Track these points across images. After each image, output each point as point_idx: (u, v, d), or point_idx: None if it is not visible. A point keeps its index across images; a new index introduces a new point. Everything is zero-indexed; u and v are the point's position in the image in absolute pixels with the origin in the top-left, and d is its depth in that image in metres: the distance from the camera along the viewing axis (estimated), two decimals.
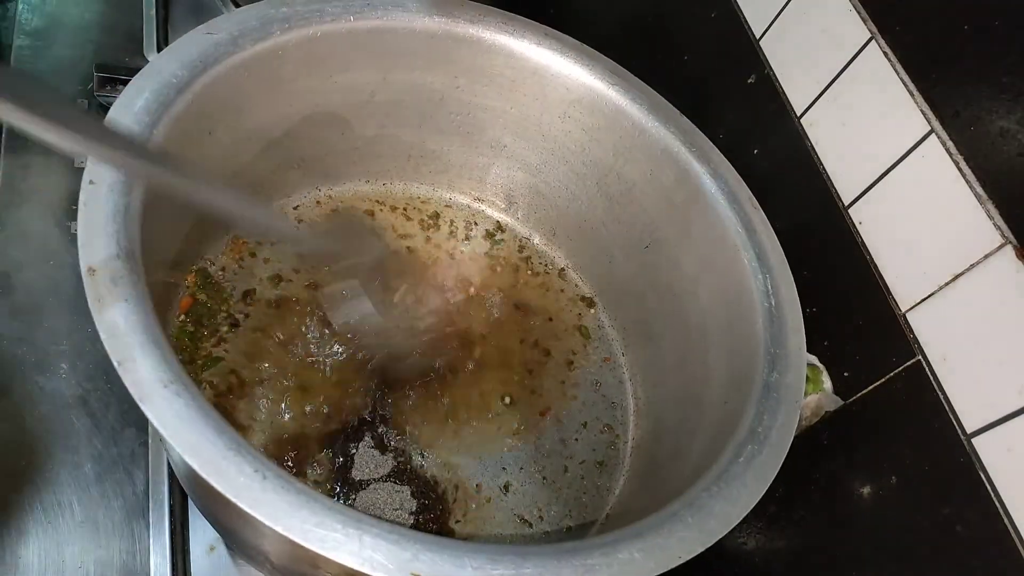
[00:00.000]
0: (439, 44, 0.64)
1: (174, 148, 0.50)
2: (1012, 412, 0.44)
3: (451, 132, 0.73)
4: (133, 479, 0.63)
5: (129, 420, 0.65)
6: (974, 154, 0.47)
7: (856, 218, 0.56)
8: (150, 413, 0.37)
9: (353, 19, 0.60)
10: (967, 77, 0.47)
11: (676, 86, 0.68)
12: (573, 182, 0.73)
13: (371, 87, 0.66)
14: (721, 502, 0.46)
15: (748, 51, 0.66)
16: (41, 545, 0.59)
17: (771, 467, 0.48)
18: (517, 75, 0.67)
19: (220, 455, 0.37)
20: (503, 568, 0.39)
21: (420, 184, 0.77)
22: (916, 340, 0.50)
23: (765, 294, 0.57)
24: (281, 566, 0.49)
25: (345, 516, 0.38)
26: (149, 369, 0.38)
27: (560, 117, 0.69)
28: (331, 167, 0.72)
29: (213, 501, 0.50)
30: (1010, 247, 0.45)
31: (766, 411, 0.51)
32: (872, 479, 0.52)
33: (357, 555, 0.37)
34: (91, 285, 0.40)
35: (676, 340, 0.67)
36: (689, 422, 0.61)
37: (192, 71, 0.51)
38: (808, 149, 0.59)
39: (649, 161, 0.66)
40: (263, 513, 0.37)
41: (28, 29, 0.84)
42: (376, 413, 0.63)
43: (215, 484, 0.37)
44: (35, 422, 0.63)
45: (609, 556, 0.41)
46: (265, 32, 0.56)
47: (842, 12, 0.56)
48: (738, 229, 0.60)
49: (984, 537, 0.44)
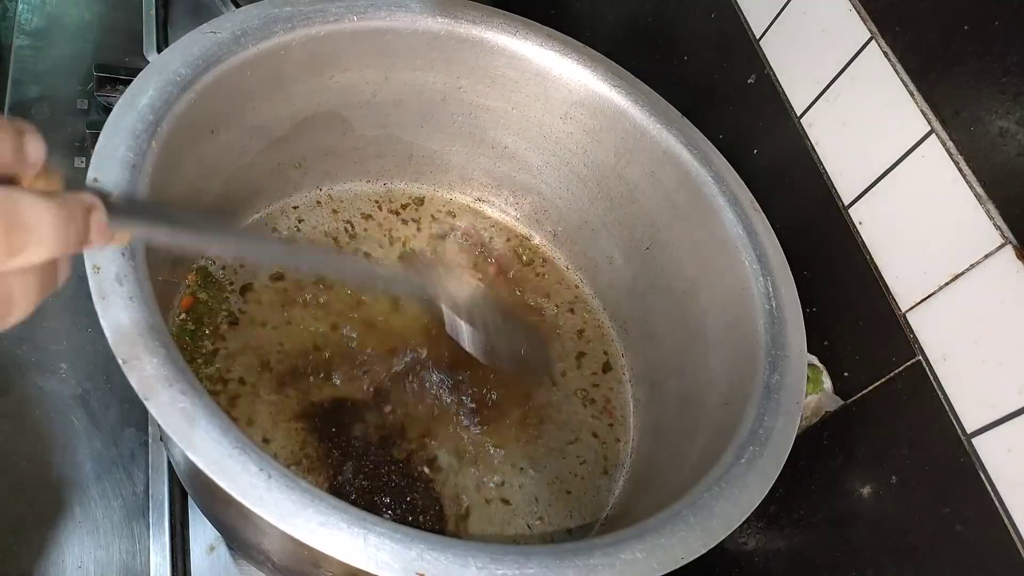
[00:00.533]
0: (441, 45, 0.65)
1: (177, 147, 0.50)
2: (1012, 412, 0.44)
3: (453, 133, 0.73)
4: (133, 479, 0.63)
5: (129, 420, 0.65)
6: (974, 154, 0.47)
7: (856, 218, 0.56)
8: (155, 411, 0.37)
9: (356, 19, 0.60)
10: (967, 77, 0.47)
11: (676, 86, 0.69)
12: (574, 183, 0.73)
13: (373, 87, 0.66)
14: (723, 503, 0.46)
15: (748, 51, 0.66)
16: (41, 545, 0.58)
17: (773, 468, 0.48)
18: (519, 76, 0.67)
19: (225, 454, 0.37)
20: (506, 568, 0.39)
21: (421, 185, 0.77)
22: (916, 340, 0.50)
23: (766, 296, 0.57)
24: (283, 566, 0.49)
25: (350, 515, 0.38)
26: (154, 367, 0.38)
27: (562, 118, 0.70)
28: (332, 167, 0.72)
29: (214, 500, 0.50)
30: (1010, 247, 0.45)
31: (767, 412, 0.51)
32: (872, 479, 0.52)
33: (362, 554, 0.38)
34: (96, 283, 0.40)
35: (676, 341, 0.67)
36: (689, 423, 0.61)
37: (195, 70, 0.51)
38: (808, 149, 0.60)
39: (650, 163, 0.66)
40: (268, 512, 0.37)
41: (28, 29, 0.84)
42: (376, 411, 0.63)
43: (220, 483, 0.37)
44: (35, 422, 0.63)
45: (612, 556, 0.42)
46: (268, 31, 0.56)
47: (842, 12, 0.56)
48: (739, 231, 0.60)
49: (984, 537, 0.45)
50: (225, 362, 0.61)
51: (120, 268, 0.41)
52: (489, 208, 0.79)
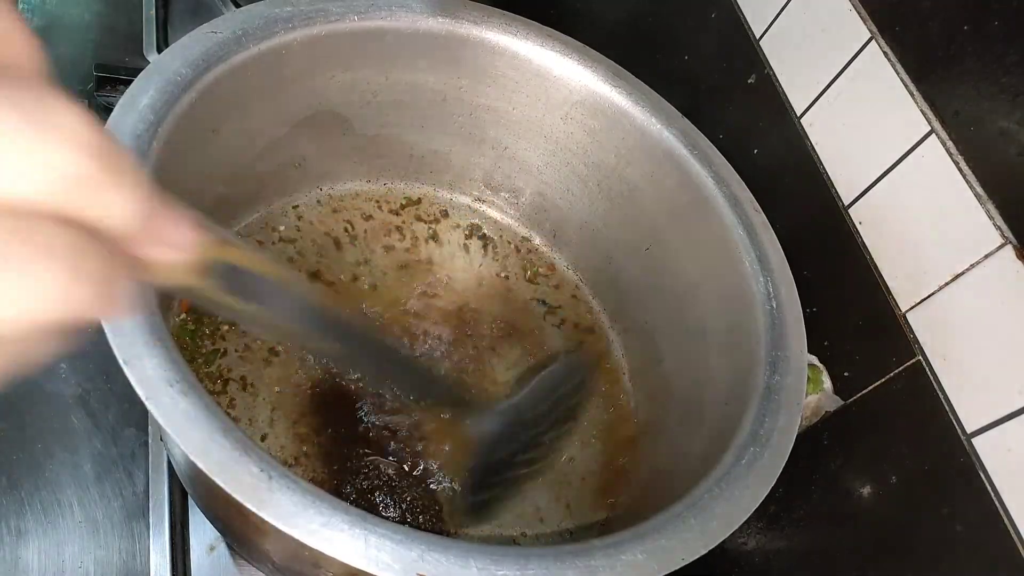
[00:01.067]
0: (442, 45, 0.64)
1: (178, 147, 0.50)
2: (1012, 412, 0.44)
3: (453, 133, 0.73)
4: (133, 479, 0.63)
5: (129, 420, 0.65)
6: (974, 154, 0.47)
7: (856, 218, 0.56)
8: (156, 412, 0.37)
9: (357, 19, 0.60)
10: (967, 77, 0.48)
11: (676, 86, 0.68)
12: (575, 184, 0.73)
13: (373, 87, 0.66)
14: (723, 503, 0.46)
15: (748, 51, 0.66)
16: (41, 545, 0.58)
17: (773, 469, 0.48)
18: (520, 76, 0.67)
19: (227, 455, 0.37)
20: (507, 569, 0.39)
21: (421, 184, 0.77)
22: (916, 340, 0.51)
23: (766, 297, 0.57)
24: (283, 566, 0.49)
25: (351, 516, 0.38)
26: (155, 368, 0.38)
27: (562, 119, 0.69)
28: (332, 166, 0.72)
29: (215, 500, 0.50)
30: (1010, 247, 0.45)
31: (767, 413, 0.51)
32: (872, 479, 0.52)
33: (363, 555, 0.37)
34: None
35: (677, 342, 0.67)
36: (689, 424, 0.61)
37: (196, 69, 0.51)
38: (808, 149, 0.60)
39: (651, 163, 0.66)
40: (269, 513, 0.37)
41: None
42: (377, 411, 0.63)
43: (222, 484, 0.37)
44: (35, 422, 0.63)
45: (612, 557, 0.42)
46: (269, 31, 0.56)
47: (842, 12, 0.56)
48: (740, 232, 0.60)
49: (984, 537, 0.45)
50: (225, 362, 0.61)
51: None
52: (489, 208, 0.79)
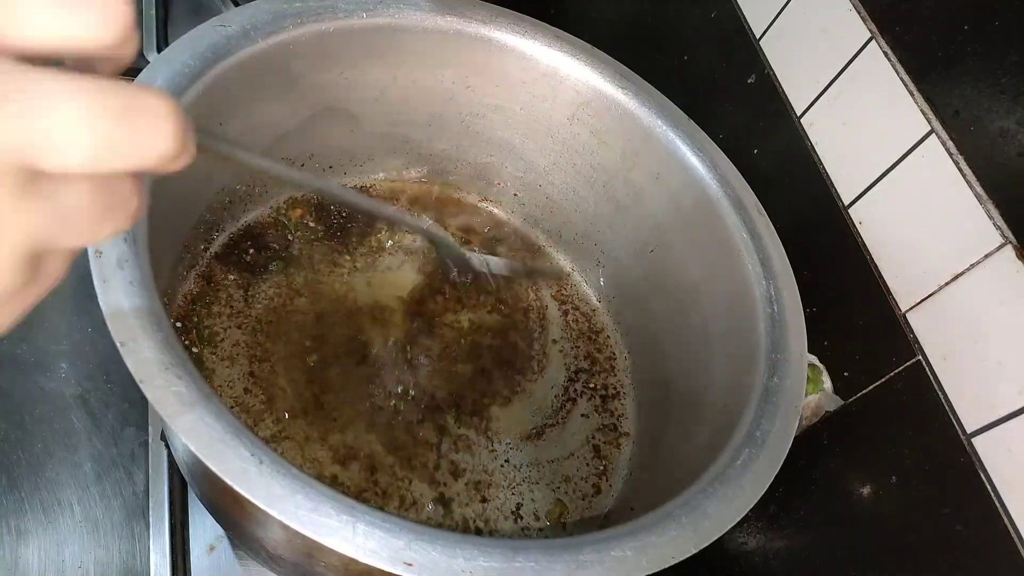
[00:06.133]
0: (450, 43, 0.65)
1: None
2: (1012, 412, 0.44)
3: (460, 131, 0.73)
4: (133, 479, 0.63)
5: (129, 420, 0.65)
6: (974, 154, 0.47)
7: (856, 218, 0.56)
8: (150, 394, 0.38)
9: (365, 16, 0.60)
10: (967, 77, 0.47)
11: (676, 86, 0.68)
12: (580, 184, 0.74)
13: (381, 85, 0.67)
14: (716, 504, 0.46)
15: (748, 51, 0.66)
16: (41, 545, 0.59)
17: (768, 471, 0.48)
18: (527, 76, 0.68)
19: (218, 438, 0.38)
20: (494, 560, 0.39)
21: (428, 183, 0.78)
22: (916, 340, 0.50)
23: (768, 299, 0.57)
24: (276, 555, 0.49)
25: (340, 503, 0.38)
26: (151, 351, 0.39)
27: (569, 119, 0.70)
28: (339, 163, 0.73)
29: (211, 488, 0.50)
30: (1010, 247, 0.45)
31: (765, 415, 0.50)
32: (872, 479, 0.52)
33: (351, 542, 0.38)
34: (97, 267, 0.40)
35: (679, 344, 0.67)
36: (688, 425, 0.61)
37: (204, 62, 0.52)
38: (808, 149, 0.60)
39: (656, 165, 0.66)
40: (259, 497, 0.37)
41: None
42: (370, 401, 0.63)
43: (211, 466, 0.37)
44: (35, 422, 0.63)
45: (601, 553, 0.41)
46: (277, 27, 0.56)
47: (842, 12, 0.56)
48: (743, 235, 0.60)
49: (984, 537, 0.44)
50: (229, 341, 0.61)
51: (122, 253, 0.41)
52: (495, 207, 0.79)
